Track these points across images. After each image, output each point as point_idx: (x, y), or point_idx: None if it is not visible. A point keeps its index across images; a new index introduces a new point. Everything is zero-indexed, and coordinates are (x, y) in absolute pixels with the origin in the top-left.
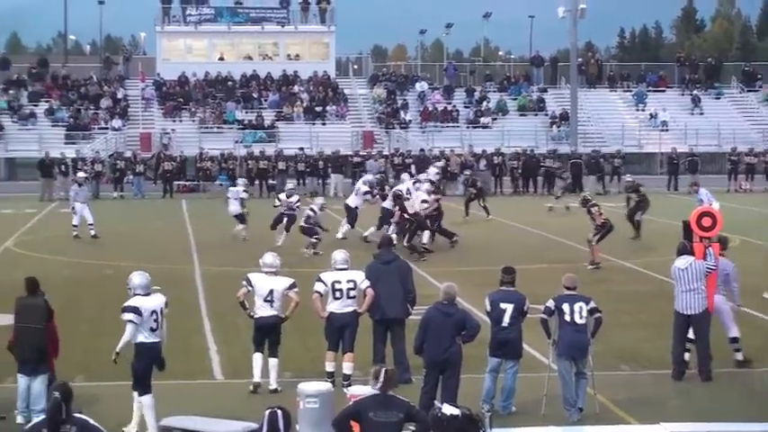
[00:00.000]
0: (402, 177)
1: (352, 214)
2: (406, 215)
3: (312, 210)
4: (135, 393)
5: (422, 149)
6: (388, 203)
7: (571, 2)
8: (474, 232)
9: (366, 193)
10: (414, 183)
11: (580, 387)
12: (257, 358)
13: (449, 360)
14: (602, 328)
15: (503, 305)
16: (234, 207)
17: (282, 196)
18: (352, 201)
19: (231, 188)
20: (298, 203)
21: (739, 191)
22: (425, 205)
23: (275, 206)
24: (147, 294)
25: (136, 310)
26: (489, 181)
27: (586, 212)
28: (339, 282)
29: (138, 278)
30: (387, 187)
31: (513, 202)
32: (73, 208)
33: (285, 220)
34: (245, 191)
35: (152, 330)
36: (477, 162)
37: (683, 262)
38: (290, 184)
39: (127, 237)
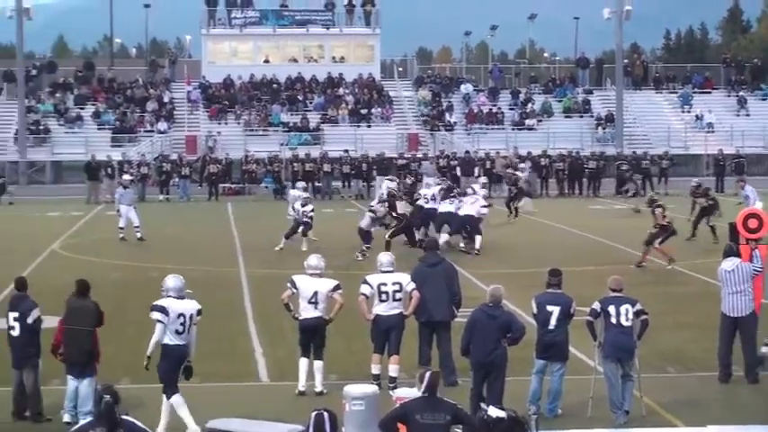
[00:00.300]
0: (427, 183)
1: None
2: (393, 214)
3: (373, 211)
4: (164, 396)
5: (467, 151)
6: (424, 204)
7: (616, 3)
8: (520, 234)
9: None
10: (482, 186)
11: (626, 389)
12: (303, 364)
13: (494, 362)
14: (648, 330)
15: (549, 307)
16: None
17: (297, 205)
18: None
19: (291, 191)
20: (311, 213)
21: None
22: (485, 210)
23: (289, 216)
24: (180, 298)
25: (162, 310)
26: (535, 183)
27: (651, 212)
28: (385, 284)
29: (172, 281)
30: (418, 191)
31: (558, 204)
32: (118, 210)
33: (301, 228)
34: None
35: (178, 333)
36: (523, 164)
37: (729, 264)
38: (306, 193)
39: (172, 239)
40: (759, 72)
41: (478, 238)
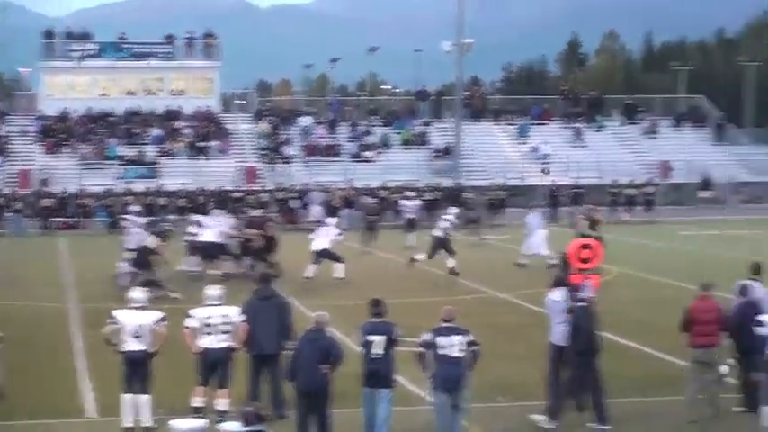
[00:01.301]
0: (194, 219)
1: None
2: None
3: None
4: None
5: (305, 184)
6: (212, 237)
7: (457, 36)
8: (359, 267)
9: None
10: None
11: (456, 420)
12: (126, 399)
13: (315, 386)
14: (480, 360)
15: (371, 337)
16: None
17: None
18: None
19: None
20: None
21: (619, 222)
22: (340, 238)
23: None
24: None
25: None
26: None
27: None
28: (210, 317)
29: None
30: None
31: (396, 236)
32: None
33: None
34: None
35: None
36: (361, 197)
37: (558, 294)
38: (142, 219)
39: (1, 274)
40: (595, 104)
41: (340, 266)
